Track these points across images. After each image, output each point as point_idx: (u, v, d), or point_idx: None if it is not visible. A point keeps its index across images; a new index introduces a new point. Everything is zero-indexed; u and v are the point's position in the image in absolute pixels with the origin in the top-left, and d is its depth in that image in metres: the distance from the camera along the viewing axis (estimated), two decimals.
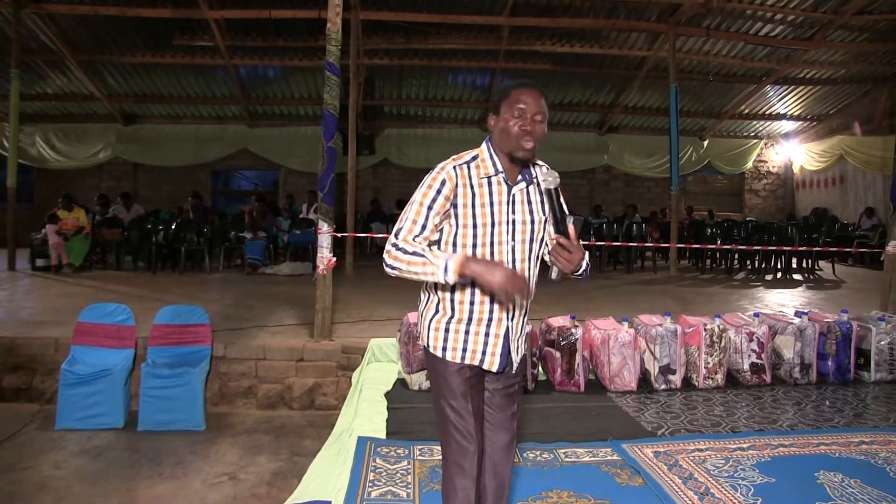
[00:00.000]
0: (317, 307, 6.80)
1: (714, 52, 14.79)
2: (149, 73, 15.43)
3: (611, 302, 9.07)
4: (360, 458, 4.00)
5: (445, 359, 2.60)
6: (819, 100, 17.72)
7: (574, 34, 14.00)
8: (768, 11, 12.96)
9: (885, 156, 12.65)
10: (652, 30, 13.62)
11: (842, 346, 5.96)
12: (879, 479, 3.86)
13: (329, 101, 6.69)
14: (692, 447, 4.30)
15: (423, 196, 2.52)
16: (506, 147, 2.57)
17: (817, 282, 12.63)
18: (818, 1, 12.71)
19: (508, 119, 2.55)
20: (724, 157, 19.37)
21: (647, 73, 15.50)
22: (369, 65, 14.66)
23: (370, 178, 18.37)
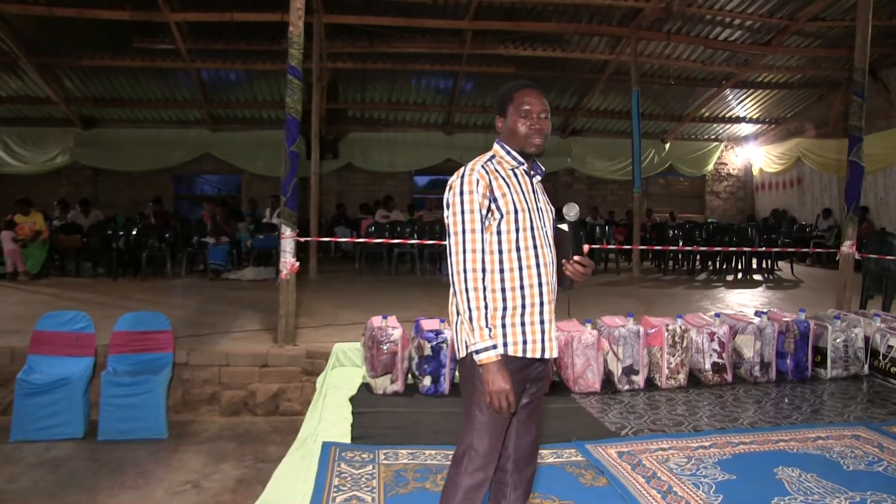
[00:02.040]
0: (280, 312, 6.75)
1: (675, 56, 14.97)
2: (108, 77, 15.21)
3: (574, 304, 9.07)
4: (325, 464, 3.97)
5: (507, 354, 2.58)
6: (777, 103, 18.03)
7: (537, 38, 14.08)
8: (727, 16, 13.15)
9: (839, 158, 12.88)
10: (614, 34, 13.74)
11: (800, 344, 6.05)
12: (834, 473, 3.95)
13: (291, 105, 6.65)
14: (655, 446, 4.33)
15: (469, 202, 2.57)
16: (517, 146, 2.73)
17: (777, 282, 12.82)
18: (774, 7, 12.92)
19: (516, 120, 2.71)
20: (685, 159, 19.61)
21: (610, 77, 15.64)
22: (333, 68, 14.60)
23: (334, 183, 18.28)
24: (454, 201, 2.58)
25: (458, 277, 2.53)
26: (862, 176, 8.15)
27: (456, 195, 2.59)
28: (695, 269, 14.13)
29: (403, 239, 12.61)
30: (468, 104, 17.40)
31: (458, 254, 2.54)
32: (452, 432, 4.53)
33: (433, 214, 14.55)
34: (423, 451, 4.20)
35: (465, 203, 2.56)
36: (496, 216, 2.59)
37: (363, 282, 11.71)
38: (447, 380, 5.41)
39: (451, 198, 2.61)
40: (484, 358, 2.47)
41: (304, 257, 10.89)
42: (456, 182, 2.61)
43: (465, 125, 18.41)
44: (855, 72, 8.12)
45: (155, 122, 17.34)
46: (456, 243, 2.55)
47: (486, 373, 2.48)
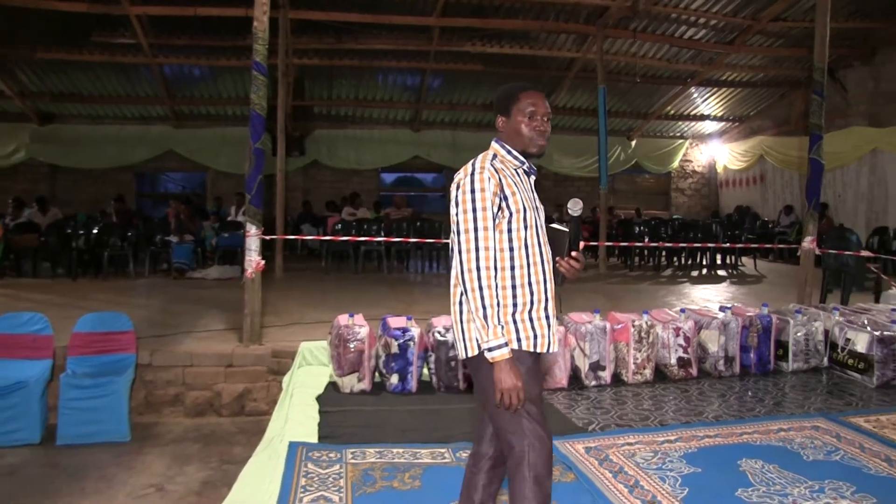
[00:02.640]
0: (246, 311, 6.68)
1: (641, 54, 15.08)
2: (66, 71, 14.91)
3: None
4: (292, 464, 3.94)
5: (521, 349, 2.61)
6: (740, 101, 18.26)
7: (504, 35, 14.09)
8: (692, 15, 13.28)
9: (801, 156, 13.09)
10: (580, 32, 13.80)
11: (763, 338, 6.14)
12: (795, 463, 4.04)
13: (256, 102, 6.59)
14: (622, 441, 4.37)
15: (480, 200, 2.58)
16: (519, 146, 2.76)
17: (740, 277, 12.97)
18: (738, 7, 13.09)
19: (521, 121, 2.74)
20: (651, 156, 19.75)
21: (576, 75, 15.70)
22: (299, 65, 14.49)
23: (300, 180, 18.12)
24: (465, 199, 2.59)
25: (469, 275, 2.54)
26: (822, 173, 8.28)
27: (466, 192, 2.59)
28: (660, 265, 14.24)
29: (370, 236, 12.55)
30: (435, 101, 17.37)
31: (470, 251, 2.55)
32: (420, 430, 4.54)
33: (400, 212, 14.53)
34: (390, 449, 4.19)
35: (477, 201, 2.57)
36: (506, 214, 2.61)
37: (330, 280, 11.64)
38: (414, 378, 5.39)
39: (460, 195, 2.61)
40: (497, 355, 2.49)
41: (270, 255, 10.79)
42: (465, 180, 2.62)
43: (432, 122, 18.37)
44: (814, 71, 8.25)
45: (116, 118, 17.02)
46: (467, 241, 2.56)
47: (499, 370, 2.49)
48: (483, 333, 2.51)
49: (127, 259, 11.98)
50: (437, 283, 11.94)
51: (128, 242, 12.10)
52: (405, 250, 13.60)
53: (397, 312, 6.22)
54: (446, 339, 5.44)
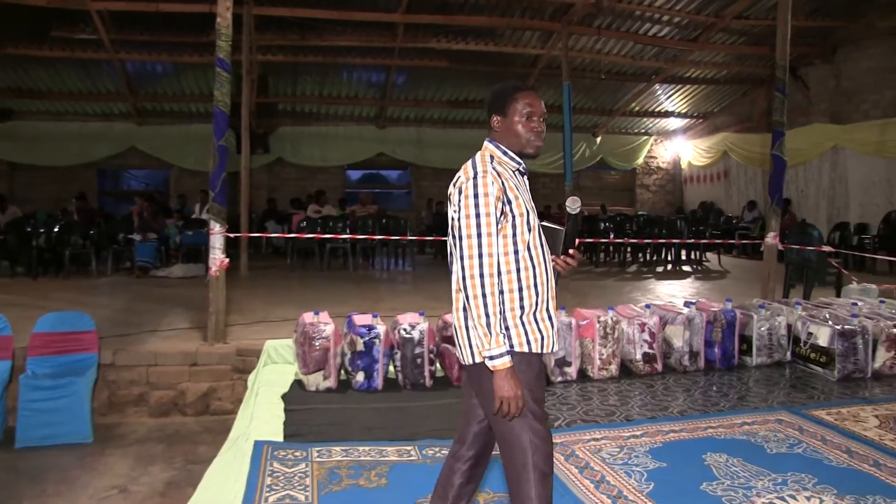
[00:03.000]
0: (210, 310, 6.61)
1: (605, 51, 15.19)
2: (25, 67, 14.64)
3: None
4: (257, 463, 3.91)
5: (531, 352, 2.59)
6: (704, 98, 18.48)
7: (470, 32, 14.10)
8: (656, 13, 13.41)
9: (763, 152, 13.27)
10: (545, 28, 13.86)
11: (727, 333, 6.21)
12: (758, 456, 4.09)
13: (220, 99, 6.52)
14: (588, 437, 4.39)
15: (484, 206, 2.51)
16: (516, 146, 2.72)
17: (705, 273, 13.11)
18: (701, 4, 13.24)
19: (518, 121, 2.70)
20: (615, 153, 19.91)
21: (542, 71, 15.77)
22: (263, 61, 14.38)
23: (265, 177, 18.00)
24: (467, 203, 2.52)
25: (471, 282, 2.47)
26: (784, 169, 8.40)
27: (469, 197, 2.52)
28: (625, 261, 14.35)
29: (335, 234, 12.50)
30: (401, 98, 17.34)
31: (473, 258, 2.48)
32: (386, 428, 4.53)
33: (366, 209, 14.49)
34: (356, 447, 4.17)
35: (481, 206, 2.51)
36: (509, 218, 2.56)
37: (295, 277, 11.58)
38: (380, 375, 5.38)
39: (462, 200, 2.54)
40: (499, 364, 2.44)
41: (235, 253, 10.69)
42: (468, 184, 2.55)
43: (397, 119, 18.34)
44: (776, 69, 8.36)
45: (77, 114, 16.77)
46: (470, 247, 2.49)
47: (499, 378, 2.45)
48: (484, 342, 2.45)
49: (89, 257, 11.81)
50: (403, 280, 11.94)
51: (90, 241, 11.94)
52: (371, 247, 13.56)
53: (363, 310, 6.21)
54: (412, 337, 5.43)
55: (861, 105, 14.34)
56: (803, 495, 3.56)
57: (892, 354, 6.05)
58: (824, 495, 3.54)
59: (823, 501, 3.50)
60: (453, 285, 2.63)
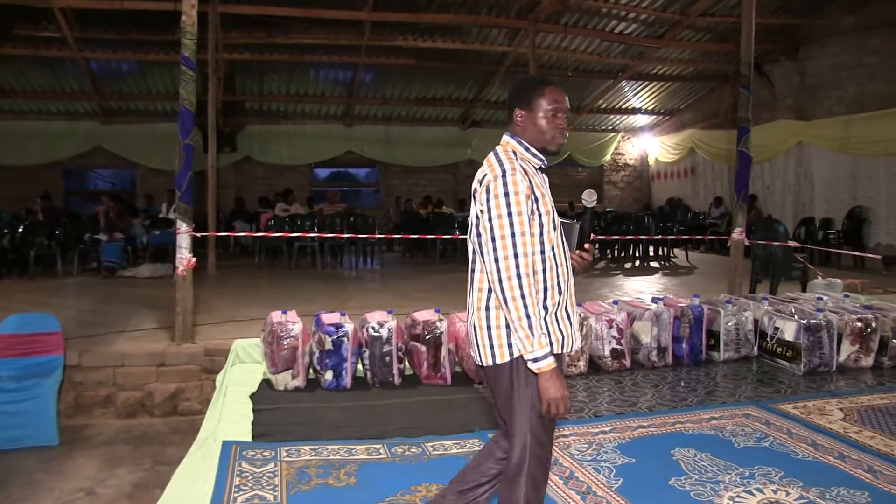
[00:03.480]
0: (177, 310, 6.56)
1: (572, 48, 15.26)
2: None
3: None
4: (225, 463, 3.88)
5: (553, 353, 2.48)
6: (671, 95, 18.64)
7: (436, 30, 14.10)
8: (622, 10, 13.50)
9: (729, 148, 13.42)
10: (512, 26, 13.88)
11: (694, 328, 6.27)
12: (726, 451, 4.14)
13: (185, 97, 6.46)
14: (557, 433, 4.39)
15: (516, 204, 2.43)
16: (539, 142, 2.63)
17: (672, 268, 13.22)
18: (667, 2, 13.37)
19: (543, 116, 2.61)
20: (583, 150, 20.01)
21: (509, 69, 15.80)
22: (229, 59, 14.26)
23: (232, 176, 17.85)
24: (498, 203, 2.44)
25: (508, 284, 2.38)
26: (750, 165, 8.49)
27: (500, 196, 2.44)
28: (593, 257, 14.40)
29: (303, 232, 12.44)
30: (368, 96, 17.29)
31: (509, 258, 2.40)
32: (355, 426, 4.52)
33: (334, 207, 14.44)
34: (325, 446, 4.16)
35: (512, 205, 2.43)
36: (535, 216, 2.51)
37: (263, 276, 11.52)
38: (349, 374, 5.37)
39: (492, 199, 2.46)
40: (544, 366, 2.38)
41: (202, 253, 10.61)
42: (497, 182, 2.47)
43: (364, 117, 18.30)
44: (741, 66, 8.46)
45: (42, 113, 16.51)
46: (504, 248, 2.41)
47: (544, 380, 2.40)
48: (527, 344, 2.37)
49: (54, 258, 11.64)
50: (371, 278, 11.92)
51: (55, 241, 11.78)
52: (339, 246, 13.52)
53: (331, 308, 6.18)
54: (380, 335, 5.42)
55: (825, 101, 14.56)
56: (770, 488, 3.60)
57: (857, 348, 6.15)
58: (790, 488, 3.59)
59: (790, 494, 3.54)
60: (474, 283, 2.59)
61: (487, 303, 2.53)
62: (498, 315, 2.50)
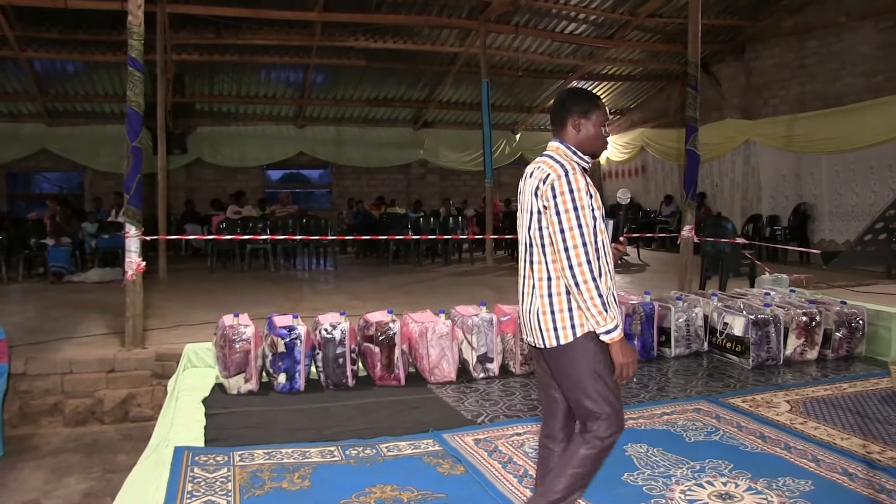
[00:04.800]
0: (127, 314, 6.44)
1: (523, 48, 15.32)
2: None
3: (429, 295, 9.21)
4: (177, 469, 3.83)
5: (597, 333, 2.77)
6: (621, 95, 18.86)
7: (388, 30, 14.06)
8: (572, 11, 13.61)
9: (679, 147, 13.63)
10: (463, 26, 13.90)
11: (646, 325, 6.35)
12: (678, 446, 4.21)
13: (133, 99, 6.36)
14: (511, 432, 4.44)
15: (579, 199, 2.71)
16: (590, 148, 2.93)
17: (624, 266, 13.37)
18: (616, 3, 13.50)
19: (597, 128, 2.92)
20: (535, 149, 20.04)
21: (460, 69, 15.83)
22: (178, 60, 14.04)
23: (183, 178, 17.61)
24: (564, 199, 2.70)
25: (580, 269, 2.66)
26: (698, 163, 8.63)
27: (566, 193, 2.70)
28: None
29: (256, 235, 12.33)
30: (319, 97, 17.19)
31: (578, 247, 2.67)
32: (309, 429, 4.50)
33: (286, 209, 14.34)
34: (279, 450, 4.13)
35: (577, 200, 2.70)
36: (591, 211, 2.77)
37: (215, 279, 11.39)
38: (302, 376, 5.34)
39: (559, 196, 2.71)
40: (616, 336, 2.70)
41: (153, 256, 10.46)
42: (561, 180, 2.72)
43: (316, 118, 18.20)
44: (689, 66, 8.60)
45: None
46: (573, 238, 2.67)
47: (616, 348, 2.72)
48: (600, 320, 2.66)
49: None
50: (324, 280, 11.86)
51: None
52: (292, 248, 13.43)
53: (284, 311, 6.16)
54: (333, 337, 5.41)
55: (770, 101, 14.86)
56: (720, 481, 3.67)
57: (802, 341, 6.29)
58: (739, 480, 3.66)
59: (738, 486, 3.61)
60: (534, 274, 2.84)
61: (549, 290, 2.79)
62: (560, 301, 2.78)
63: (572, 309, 2.77)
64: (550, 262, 2.77)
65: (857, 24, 12.76)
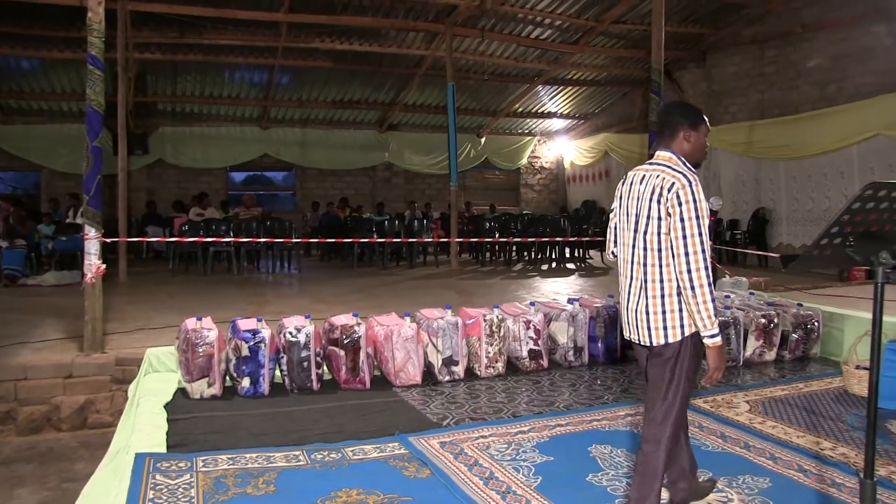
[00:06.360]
0: (86, 318, 6.33)
1: (489, 52, 15.40)
2: None
3: (394, 298, 9.18)
4: (138, 476, 3.76)
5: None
6: (585, 100, 19.02)
7: (354, 32, 14.01)
8: (538, 16, 13.70)
9: (642, 152, 13.77)
10: (430, 30, 13.91)
11: (609, 328, 6.41)
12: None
13: (93, 98, 6.26)
14: (476, 435, 4.45)
15: (700, 209, 2.88)
16: (697, 157, 3.16)
17: (588, 269, 13.48)
18: (581, 8, 13.62)
19: (702, 139, 3.17)
20: (500, 153, 20.24)
21: (426, 72, 15.84)
22: (140, 59, 13.86)
23: (144, 180, 17.32)
24: (689, 207, 2.87)
25: (697, 274, 2.83)
26: None
27: (691, 202, 2.87)
28: (511, 259, 14.58)
29: (219, 237, 12.19)
30: (284, 98, 17.08)
31: (697, 253, 2.84)
32: (274, 434, 4.46)
33: (250, 212, 14.21)
34: (243, 455, 4.08)
35: (699, 209, 2.88)
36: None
37: (177, 283, 11.25)
38: (266, 380, 5.29)
39: (685, 204, 2.87)
40: (719, 340, 2.89)
41: (113, 259, 10.31)
42: (687, 189, 2.89)
43: (281, 120, 18.07)
44: (652, 72, 8.71)
45: None
46: (694, 244, 2.84)
47: (716, 351, 2.91)
48: (708, 323, 2.84)
49: None
50: (288, 283, 11.78)
51: None
52: (255, 250, 13.31)
53: (248, 314, 6.09)
54: (298, 340, 5.37)
55: (730, 107, 15.10)
56: None
57: (761, 343, 6.41)
58: (700, 478, 3.70)
59: None
60: (647, 276, 3.01)
61: (662, 292, 2.97)
62: (671, 302, 2.96)
63: (682, 310, 2.95)
64: (665, 265, 2.94)
65: (811, 35, 13.07)
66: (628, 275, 3.11)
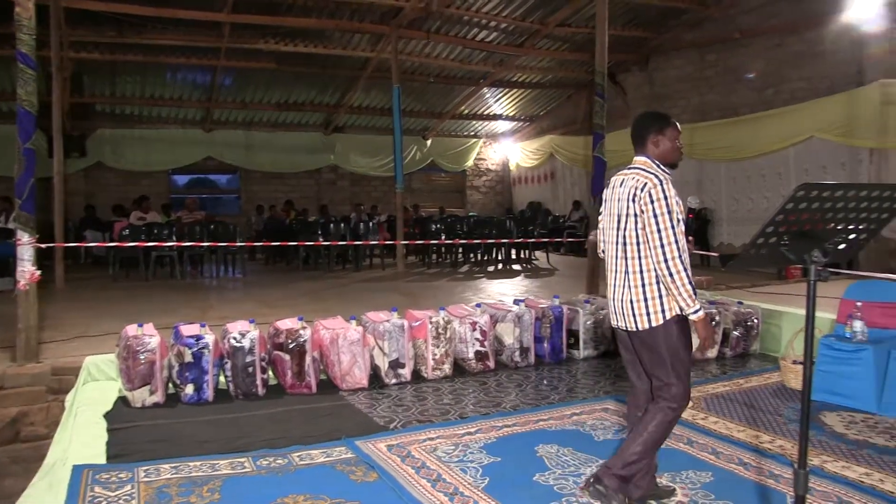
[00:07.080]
0: (19, 326, 6.11)
1: (435, 54, 15.41)
2: None
3: (339, 301, 9.10)
4: (76, 490, 3.66)
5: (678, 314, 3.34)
6: (531, 102, 19.17)
7: (298, 33, 13.88)
8: (483, 18, 13.75)
9: (587, 153, 13.92)
10: (375, 31, 13.85)
11: (555, 328, 6.47)
12: (587, 445, 4.34)
13: (24, 98, 6.05)
14: (423, 437, 4.45)
15: (669, 205, 3.23)
16: (670, 158, 3.48)
17: (534, 271, 13.54)
18: (526, 11, 13.72)
19: (673, 142, 3.47)
20: (446, 155, 20.28)
21: (371, 74, 15.77)
22: (76, 58, 13.49)
23: (82, 183, 16.88)
24: (660, 204, 3.22)
25: (673, 262, 3.19)
26: (605, 169, 8.82)
27: (662, 199, 3.22)
28: (457, 261, 14.59)
29: (161, 241, 11.95)
30: (228, 100, 16.84)
31: (671, 244, 3.20)
32: (218, 441, 4.38)
33: (193, 215, 13.96)
34: (187, 463, 4.01)
35: (670, 205, 3.23)
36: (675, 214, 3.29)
37: (118, 289, 10.98)
38: (210, 387, 5.20)
39: (656, 201, 3.22)
40: (702, 314, 3.26)
41: (49, 265, 10.02)
42: (657, 188, 3.23)
43: (224, 122, 17.83)
44: (596, 75, 8.80)
45: None
46: (668, 236, 3.20)
47: (702, 324, 3.30)
48: (689, 302, 3.21)
49: None
50: (233, 287, 11.60)
51: None
52: (199, 255, 13.07)
53: (191, 320, 5.98)
54: (242, 345, 5.29)
55: (672, 110, 15.26)
56: None
57: None
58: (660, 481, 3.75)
59: None
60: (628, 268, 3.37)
61: (643, 280, 3.34)
62: (652, 290, 3.32)
63: (663, 296, 3.31)
64: (643, 257, 3.31)
65: (749, 40, 13.39)
66: (613, 268, 3.49)
